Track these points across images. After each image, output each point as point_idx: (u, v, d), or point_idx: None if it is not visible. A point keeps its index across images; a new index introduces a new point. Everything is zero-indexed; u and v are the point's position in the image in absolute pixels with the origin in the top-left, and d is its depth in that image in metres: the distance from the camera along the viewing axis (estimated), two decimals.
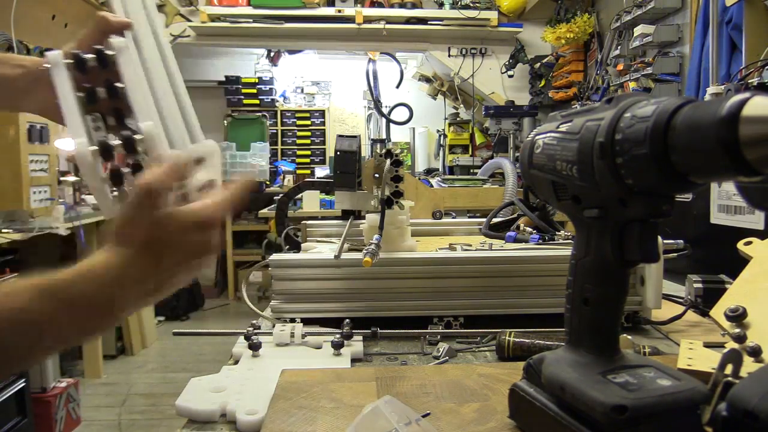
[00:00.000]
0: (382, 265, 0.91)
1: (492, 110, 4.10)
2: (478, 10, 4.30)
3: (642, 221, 0.47)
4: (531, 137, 0.56)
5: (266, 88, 5.76)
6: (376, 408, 0.51)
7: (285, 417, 0.60)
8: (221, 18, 4.25)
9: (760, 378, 0.45)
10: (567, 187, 0.50)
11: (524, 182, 0.70)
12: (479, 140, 4.85)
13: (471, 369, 0.72)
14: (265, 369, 0.75)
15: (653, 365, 0.50)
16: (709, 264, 1.16)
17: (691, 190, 0.43)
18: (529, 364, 0.56)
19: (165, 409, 2.91)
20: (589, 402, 0.45)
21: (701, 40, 2.55)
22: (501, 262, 0.95)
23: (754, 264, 0.79)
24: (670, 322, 0.94)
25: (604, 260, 0.49)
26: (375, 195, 1.04)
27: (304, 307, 0.93)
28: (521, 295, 0.95)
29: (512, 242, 1.15)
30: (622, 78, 3.38)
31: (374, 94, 3.42)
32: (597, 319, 0.51)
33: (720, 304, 0.76)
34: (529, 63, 4.58)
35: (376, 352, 0.85)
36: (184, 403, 0.66)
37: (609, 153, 0.44)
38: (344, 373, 0.72)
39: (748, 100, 0.35)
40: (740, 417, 0.42)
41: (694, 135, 0.38)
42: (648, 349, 0.79)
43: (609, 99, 0.47)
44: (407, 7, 4.35)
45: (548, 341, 0.79)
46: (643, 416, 0.44)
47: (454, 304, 0.94)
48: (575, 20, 3.97)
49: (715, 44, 2.33)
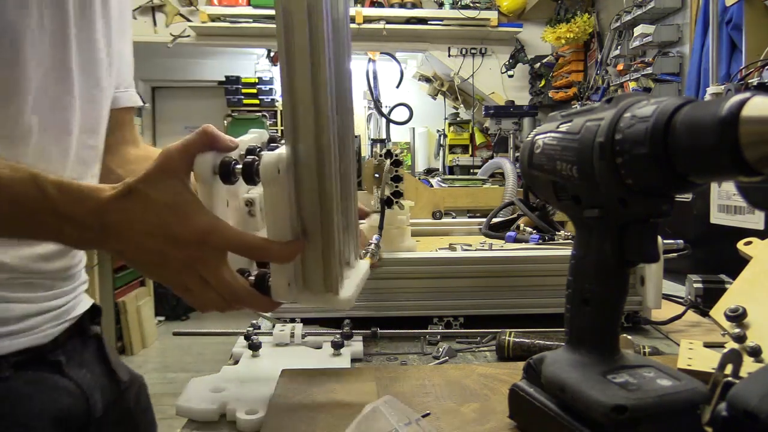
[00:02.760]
0: (382, 265, 0.91)
1: (492, 110, 4.10)
2: (478, 10, 4.30)
3: (642, 221, 0.47)
4: (531, 137, 0.56)
5: (266, 88, 5.75)
6: (376, 408, 0.51)
7: (285, 417, 0.60)
8: (221, 18, 4.25)
9: (760, 378, 0.45)
10: (567, 187, 0.50)
11: (524, 182, 0.70)
12: (479, 140, 4.85)
13: (471, 369, 0.72)
14: (265, 369, 0.75)
15: (653, 365, 0.50)
16: (709, 264, 1.16)
17: (691, 190, 0.43)
18: (529, 364, 0.56)
19: (165, 409, 2.90)
20: (589, 402, 0.45)
21: (701, 40, 2.55)
22: (501, 262, 0.95)
23: (754, 264, 0.79)
24: (670, 322, 0.94)
25: (604, 260, 0.49)
26: (375, 195, 1.04)
27: (304, 307, 0.93)
28: (521, 295, 0.95)
29: (512, 242, 1.15)
30: (622, 78, 3.38)
31: (374, 94, 3.41)
32: (597, 319, 0.51)
33: (720, 304, 0.76)
34: (529, 63, 4.58)
35: (376, 352, 0.85)
36: (184, 403, 0.66)
37: (609, 153, 0.44)
38: (344, 373, 0.72)
39: (748, 100, 0.35)
40: (740, 417, 0.42)
41: (694, 135, 0.38)
42: (648, 349, 0.79)
43: (609, 99, 0.47)
44: (407, 7, 4.35)
45: (548, 341, 0.79)
46: (643, 416, 0.44)
47: (454, 304, 0.94)
48: (575, 20, 3.97)
49: (715, 44, 2.33)
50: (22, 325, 0.69)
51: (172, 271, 0.55)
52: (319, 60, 0.50)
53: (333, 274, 0.55)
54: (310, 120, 0.51)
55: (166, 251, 0.53)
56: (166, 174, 0.54)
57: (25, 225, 0.54)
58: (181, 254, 0.54)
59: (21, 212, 0.53)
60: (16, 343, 0.68)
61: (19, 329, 0.68)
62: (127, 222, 0.53)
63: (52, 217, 0.53)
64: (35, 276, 0.70)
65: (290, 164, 0.53)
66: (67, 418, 0.70)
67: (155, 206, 0.53)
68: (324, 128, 0.52)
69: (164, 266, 0.55)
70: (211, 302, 0.56)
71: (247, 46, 5.10)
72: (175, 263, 0.54)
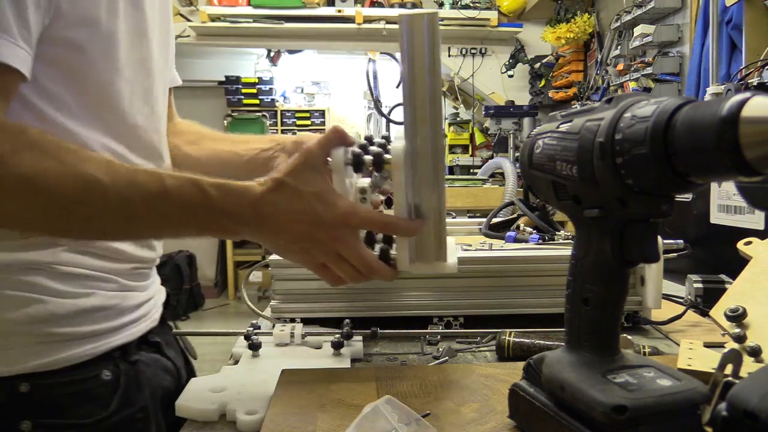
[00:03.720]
0: None
1: (492, 110, 4.10)
2: (478, 10, 4.30)
3: (642, 221, 0.47)
4: (531, 137, 0.56)
5: (266, 88, 5.75)
6: (376, 408, 0.51)
7: (285, 417, 0.60)
8: (221, 18, 4.25)
9: (760, 378, 0.45)
10: (567, 187, 0.50)
11: (524, 182, 0.70)
12: (479, 140, 4.85)
13: (471, 369, 0.72)
14: (265, 369, 0.75)
15: (653, 365, 0.50)
16: (709, 264, 1.16)
17: (691, 190, 0.43)
18: (529, 364, 0.56)
19: None
20: (589, 402, 0.45)
21: (701, 40, 2.55)
22: (501, 262, 0.95)
23: (754, 264, 0.79)
24: (670, 322, 0.94)
25: (604, 260, 0.49)
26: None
27: (304, 307, 0.93)
28: (521, 295, 0.95)
29: (512, 242, 1.15)
30: (622, 78, 3.38)
31: (374, 94, 3.41)
32: (597, 319, 0.51)
33: (720, 304, 0.76)
34: (529, 63, 4.58)
35: (376, 352, 0.85)
36: (184, 403, 0.66)
37: (609, 153, 0.44)
38: (344, 373, 0.72)
39: (748, 100, 0.35)
40: (740, 417, 0.42)
41: (694, 135, 0.38)
42: (648, 349, 0.79)
43: (609, 99, 0.47)
44: (407, 8, 4.35)
45: (548, 341, 0.79)
46: (643, 416, 0.44)
47: (454, 304, 0.94)
48: (575, 20, 3.97)
49: (715, 44, 2.33)
50: (140, 312, 0.77)
51: (316, 251, 0.64)
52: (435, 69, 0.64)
53: (442, 245, 0.66)
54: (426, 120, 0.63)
55: (313, 233, 0.62)
56: (309, 167, 0.63)
57: (192, 225, 0.62)
58: (325, 235, 0.62)
59: (189, 215, 0.61)
60: (138, 329, 0.76)
61: (139, 315, 0.77)
62: (280, 212, 0.61)
63: (215, 215, 0.61)
64: (144, 265, 0.79)
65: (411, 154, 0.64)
66: (168, 396, 0.75)
67: (303, 195, 0.62)
68: (437, 127, 0.64)
69: (310, 247, 0.63)
70: (346, 275, 0.65)
71: (247, 46, 5.11)
72: (320, 244, 0.63)
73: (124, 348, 0.73)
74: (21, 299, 0.66)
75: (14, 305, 0.66)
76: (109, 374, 0.71)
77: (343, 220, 0.62)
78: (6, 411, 0.66)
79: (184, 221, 0.62)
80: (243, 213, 0.61)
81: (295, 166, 0.63)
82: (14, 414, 0.66)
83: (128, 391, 0.71)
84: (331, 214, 0.62)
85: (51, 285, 0.67)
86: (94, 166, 0.58)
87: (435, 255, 0.67)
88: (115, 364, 0.71)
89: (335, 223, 0.62)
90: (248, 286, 1.12)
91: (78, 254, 0.69)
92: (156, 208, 0.60)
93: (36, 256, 0.67)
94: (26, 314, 0.66)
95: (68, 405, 0.68)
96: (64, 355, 0.68)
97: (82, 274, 0.70)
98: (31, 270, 0.67)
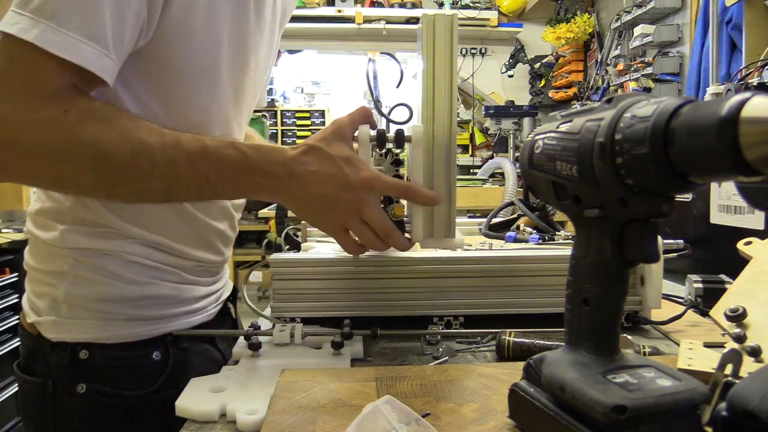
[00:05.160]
0: (382, 265, 0.91)
1: (492, 110, 4.10)
2: (478, 10, 4.30)
3: (642, 221, 0.47)
4: (531, 137, 0.56)
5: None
6: (376, 408, 0.51)
7: (285, 417, 0.60)
8: None
9: (760, 378, 0.45)
10: (567, 187, 0.50)
11: (524, 182, 0.71)
12: (479, 140, 4.85)
13: (471, 369, 0.72)
14: (265, 369, 0.75)
15: (653, 365, 0.50)
16: (709, 264, 1.16)
17: (691, 190, 0.43)
18: (529, 364, 0.56)
19: None
20: (589, 402, 0.45)
21: (701, 40, 2.55)
22: (501, 262, 0.95)
23: (754, 264, 0.79)
24: (670, 322, 0.94)
25: (604, 260, 0.49)
26: None
27: (304, 307, 0.93)
28: (521, 295, 0.94)
29: (512, 242, 1.15)
30: (622, 78, 3.38)
31: (374, 94, 3.41)
32: (597, 319, 0.51)
33: (720, 304, 0.76)
34: (529, 63, 4.59)
35: (376, 352, 0.85)
36: (184, 403, 0.66)
37: (609, 153, 0.44)
38: (344, 373, 0.72)
39: (748, 100, 0.35)
40: (740, 417, 0.42)
41: (694, 135, 0.38)
42: (648, 349, 0.79)
43: (609, 99, 0.47)
44: (407, 7, 4.35)
45: (548, 341, 0.79)
46: (643, 416, 0.44)
47: (454, 304, 0.94)
48: (575, 20, 3.97)
49: (715, 44, 2.33)
50: (198, 305, 0.85)
51: (340, 213, 0.70)
52: (451, 66, 0.71)
53: (452, 224, 0.74)
54: (442, 110, 0.70)
55: (338, 194, 0.68)
56: (339, 137, 0.71)
57: (229, 182, 0.68)
58: (350, 196, 0.68)
59: (227, 173, 0.67)
60: (194, 320, 0.84)
61: (197, 308, 0.85)
62: (310, 172, 0.68)
63: (250, 172, 0.67)
64: (209, 264, 0.88)
65: (428, 138, 0.70)
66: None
67: (333, 159, 0.68)
68: (452, 117, 0.71)
69: (334, 208, 0.70)
70: (365, 240, 0.72)
71: None
72: (344, 205, 0.69)
73: (176, 334, 0.81)
74: (93, 280, 0.76)
75: (87, 284, 0.76)
76: (159, 356, 0.79)
77: (368, 183, 0.68)
78: (67, 372, 0.77)
79: (223, 180, 0.67)
80: (276, 171, 0.67)
81: (326, 135, 0.70)
82: (74, 376, 0.76)
83: (173, 374, 0.79)
84: (357, 177, 0.68)
85: (120, 272, 0.76)
86: (146, 132, 0.65)
87: (445, 232, 0.75)
88: (165, 348, 0.80)
89: (361, 185, 0.68)
90: (248, 286, 1.12)
91: (146, 247, 0.78)
92: (198, 167, 0.65)
93: (109, 245, 0.76)
94: (96, 293, 0.76)
95: (119, 376, 0.77)
96: (121, 333, 0.77)
97: (148, 265, 0.78)
98: (105, 256, 0.76)
